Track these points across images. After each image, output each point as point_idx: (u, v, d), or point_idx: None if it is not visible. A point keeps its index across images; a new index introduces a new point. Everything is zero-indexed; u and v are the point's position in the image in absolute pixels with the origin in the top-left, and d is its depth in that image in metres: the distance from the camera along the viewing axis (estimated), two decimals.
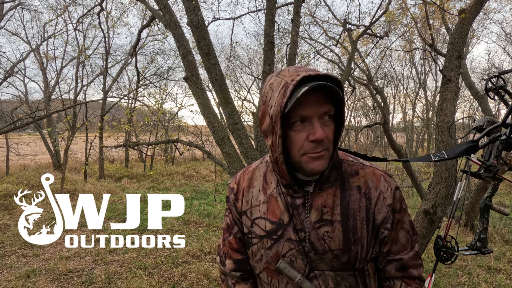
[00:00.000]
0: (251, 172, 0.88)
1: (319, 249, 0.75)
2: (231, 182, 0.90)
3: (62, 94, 10.29)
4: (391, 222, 0.76)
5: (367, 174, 0.79)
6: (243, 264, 0.89)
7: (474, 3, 2.52)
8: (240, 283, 0.89)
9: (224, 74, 2.97)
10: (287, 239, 0.77)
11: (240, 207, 0.85)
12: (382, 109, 5.43)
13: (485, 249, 1.81)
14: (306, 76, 0.65)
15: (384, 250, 0.78)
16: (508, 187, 8.06)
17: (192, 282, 3.22)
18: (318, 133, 0.67)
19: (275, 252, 0.78)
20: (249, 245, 0.85)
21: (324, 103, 0.68)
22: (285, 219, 0.77)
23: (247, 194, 0.85)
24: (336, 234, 0.74)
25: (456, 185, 2.14)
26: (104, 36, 6.36)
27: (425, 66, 14.82)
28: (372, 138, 18.29)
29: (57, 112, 9.52)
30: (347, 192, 0.76)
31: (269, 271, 0.81)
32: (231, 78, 14.06)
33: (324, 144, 0.69)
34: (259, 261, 0.82)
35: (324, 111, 0.68)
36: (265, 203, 0.81)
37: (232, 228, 0.89)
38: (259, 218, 0.81)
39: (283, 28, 7.14)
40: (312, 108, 0.67)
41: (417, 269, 0.79)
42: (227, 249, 0.90)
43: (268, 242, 0.79)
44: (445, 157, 0.97)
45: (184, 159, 13.98)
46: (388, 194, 0.77)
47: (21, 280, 3.27)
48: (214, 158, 3.21)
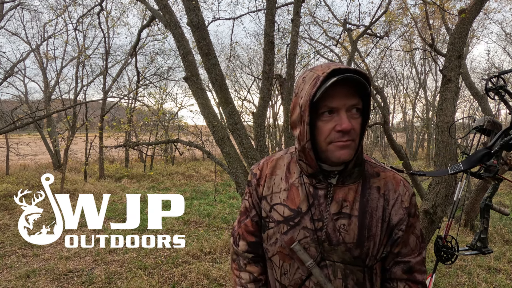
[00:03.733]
0: (275, 161, 0.91)
1: (334, 240, 0.78)
2: (254, 168, 0.94)
3: (62, 94, 10.30)
4: (406, 225, 0.80)
5: (387, 177, 0.82)
6: (256, 247, 0.92)
7: (474, 3, 2.52)
8: (251, 264, 0.93)
9: (224, 74, 2.97)
10: (303, 227, 0.80)
11: (261, 192, 0.89)
12: (382, 109, 5.43)
13: (486, 249, 1.81)
14: (337, 69, 0.68)
15: (395, 251, 0.81)
16: (508, 187, 8.05)
17: (192, 282, 3.22)
18: (344, 124, 0.69)
19: (290, 238, 0.81)
20: (265, 229, 0.88)
21: (352, 97, 0.71)
22: (304, 208, 0.80)
23: (269, 180, 0.88)
24: (352, 228, 0.77)
25: (456, 185, 2.14)
26: (104, 36, 6.38)
27: (425, 66, 14.83)
28: (372, 138, 18.27)
29: (57, 112, 9.52)
30: (367, 190, 0.79)
31: (282, 255, 0.84)
32: (231, 78, 14.07)
33: (351, 135, 0.72)
34: (273, 244, 0.85)
35: (352, 104, 0.71)
36: (286, 191, 0.84)
37: (250, 211, 0.93)
38: (278, 204, 0.84)
39: (283, 28, 7.15)
40: (340, 100, 0.70)
41: (421, 274, 0.81)
42: (242, 231, 0.94)
43: (285, 227, 0.82)
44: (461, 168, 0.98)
45: (184, 159, 13.97)
46: (405, 198, 0.80)
47: (21, 280, 3.26)
48: (214, 158, 3.21)
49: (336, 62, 0.73)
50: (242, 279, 0.92)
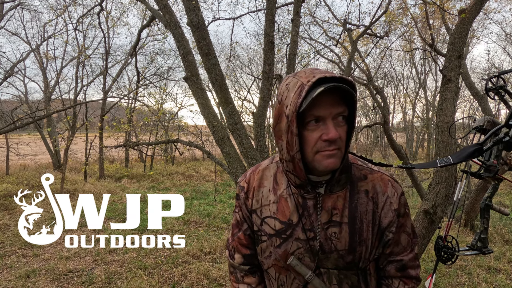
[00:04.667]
0: (261, 171, 0.90)
1: (326, 248, 0.78)
2: (241, 181, 0.93)
3: (62, 94, 10.29)
4: (396, 226, 0.80)
5: (375, 179, 0.81)
6: (252, 259, 0.92)
7: (474, 3, 2.52)
8: (248, 276, 0.93)
9: (224, 74, 2.97)
10: (295, 238, 0.80)
11: (250, 206, 0.88)
12: (382, 109, 5.43)
13: (486, 249, 1.81)
14: (322, 77, 0.67)
15: (387, 252, 0.83)
16: (508, 187, 8.05)
17: (192, 282, 3.22)
18: (331, 133, 0.68)
19: (283, 251, 0.81)
20: (258, 242, 0.88)
21: (338, 105, 0.70)
22: (294, 220, 0.80)
23: (257, 193, 0.87)
24: (343, 235, 0.77)
25: (456, 185, 2.14)
26: (104, 36, 6.38)
27: (425, 66, 14.83)
28: (372, 138, 18.27)
29: (57, 112, 9.52)
30: (355, 196, 0.79)
31: (277, 267, 0.84)
32: (231, 78, 14.07)
33: (337, 143, 0.71)
34: (267, 257, 0.85)
35: (338, 112, 0.70)
36: (275, 203, 0.83)
37: (242, 224, 0.92)
38: (268, 217, 0.84)
39: (283, 28, 7.15)
40: (326, 109, 0.69)
41: (415, 269, 0.83)
42: (236, 244, 0.94)
43: (277, 240, 0.82)
44: (451, 162, 0.97)
45: (184, 159, 13.97)
46: (394, 200, 0.80)
47: (21, 280, 3.26)
48: (214, 158, 3.21)
49: (320, 69, 0.71)
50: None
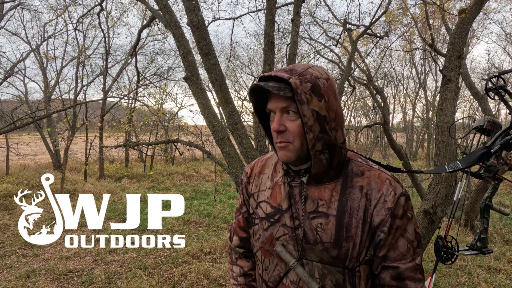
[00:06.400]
0: (265, 160, 0.96)
1: (311, 239, 0.78)
2: (247, 167, 0.99)
3: (62, 94, 10.28)
4: (389, 226, 0.74)
5: (372, 176, 0.78)
6: (247, 242, 0.97)
7: (474, 3, 2.52)
8: (242, 259, 0.98)
9: (224, 74, 2.98)
10: (282, 224, 0.82)
11: (250, 190, 0.94)
12: (382, 109, 5.43)
13: (486, 249, 1.82)
14: (262, 76, 0.76)
15: (380, 255, 0.76)
16: (508, 187, 8.05)
17: (192, 282, 3.22)
18: (274, 124, 0.75)
19: (270, 234, 0.84)
20: (251, 225, 0.93)
21: (283, 100, 0.74)
22: (284, 206, 0.83)
23: (258, 179, 0.93)
24: (329, 227, 0.76)
25: (456, 185, 2.14)
26: (104, 36, 6.37)
27: (425, 66, 14.82)
28: (372, 138, 18.27)
29: (57, 112, 9.52)
30: (347, 190, 0.77)
31: (263, 250, 0.87)
32: (231, 78, 14.06)
33: (285, 136, 0.75)
34: (257, 240, 0.90)
35: (283, 106, 0.74)
36: (270, 189, 0.88)
37: (241, 208, 0.99)
38: (263, 202, 0.88)
39: (283, 28, 7.15)
40: (273, 103, 0.76)
41: (415, 282, 0.74)
42: (235, 226, 1.00)
43: (266, 223, 0.86)
44: (460, 167, 0.95)
45: (184, 159, 13.97)
46: (389, 198, 0.75)
47: (21, 280, 3.26)
48: (214, 158, 3.21)
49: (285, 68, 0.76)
50: (234, 272, 0.98)
